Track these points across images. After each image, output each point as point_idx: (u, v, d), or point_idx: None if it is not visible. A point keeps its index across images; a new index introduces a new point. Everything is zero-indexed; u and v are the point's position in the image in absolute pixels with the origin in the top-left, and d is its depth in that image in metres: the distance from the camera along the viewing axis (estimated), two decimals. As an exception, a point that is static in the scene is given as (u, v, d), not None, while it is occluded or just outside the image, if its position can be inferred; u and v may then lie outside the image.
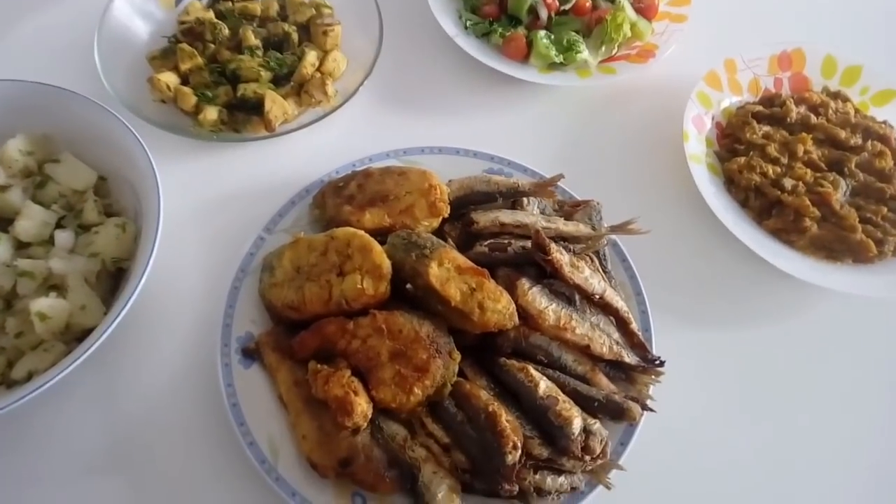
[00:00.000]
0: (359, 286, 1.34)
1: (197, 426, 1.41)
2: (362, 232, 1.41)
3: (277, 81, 1.82)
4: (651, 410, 1.36)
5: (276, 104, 1.74)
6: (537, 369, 1.35)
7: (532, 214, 1.52)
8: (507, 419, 1.26)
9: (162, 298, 1.54)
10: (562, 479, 1.27)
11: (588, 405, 1.31)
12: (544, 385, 1.30)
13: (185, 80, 1.80)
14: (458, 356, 1.34)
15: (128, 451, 1.39)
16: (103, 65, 1.72)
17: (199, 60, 1.80)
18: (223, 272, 1.50)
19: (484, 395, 1.31)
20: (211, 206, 1.69)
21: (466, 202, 1.55)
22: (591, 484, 1.31)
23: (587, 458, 1.25)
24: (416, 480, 1.27)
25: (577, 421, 1.25)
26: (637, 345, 1.43)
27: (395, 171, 1.56)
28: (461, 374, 1.36)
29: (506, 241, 1.47)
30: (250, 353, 1.41)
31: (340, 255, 1.39)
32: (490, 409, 1.27)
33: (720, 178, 1.73)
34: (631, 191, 1.72)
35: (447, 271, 1.35)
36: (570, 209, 1.58)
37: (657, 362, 1.41)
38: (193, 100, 1.75)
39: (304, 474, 1.29)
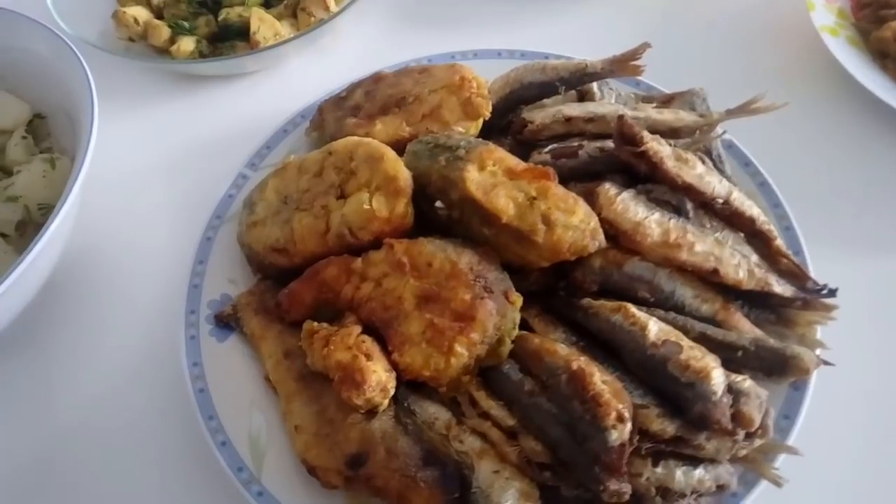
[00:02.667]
0: (366, 206, 0.93)
1: (155, 425, 1.00)
2: (369, 139, 1.00)
3: (267, 5, 1.46)
4: (828, 363, 0.88)
5: (265, 23, 1.37)
6: (641, 309, 0.88)
7: (609, 104, 1.08)
8: (603, 379, 0.80)
9: (118, 265, 1.17)
10: (700, 471, 0.80)
11: (726, 356, 0.84)
12: (656, 327, 0.84)
13: (159, 16, 1.47)
14: (518, 298, 0.90)
15: (65, 466, 0.99)
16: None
17: (175, -10, 1.46)
18: (197, 224, 1.11)
19: (562, 349, 0.85)
20: (188, 152, 1.33)
21: (515, 102, 1.12)
22: (745, 480, 0.82)
23: (741, 432, 0.77)
24: (467, 484, 0.82)
25: (718, 373, 0.78)
26: (789, 269, 0.95)
27: (413, 69, 1.16)
28: (524, 326, 0.91)
29: (575, 144, 1.04)
30: (226, 321, 1.01)
31: (341, 173, 0.98)
32: (574, 366, 0.81)
33: (865, 53, 1.25)
34: (738, 83, 1.24)
35: (492, 175, 0.92)
36: (661, 103, 1.13)
37: (825, 291, 0.92)
38: (166, 33, 1.41)
39: (300, 484, 0.86)
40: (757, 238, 0.96)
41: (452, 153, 0.95)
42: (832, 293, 0.92)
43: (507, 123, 1.13)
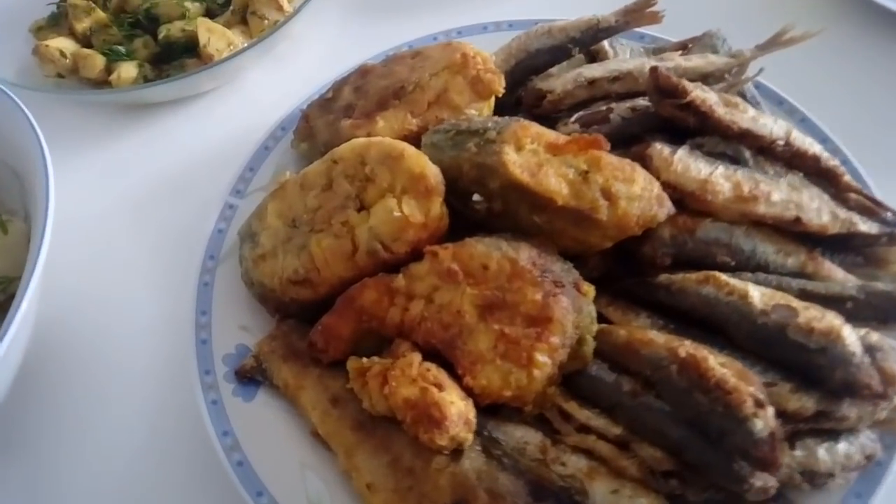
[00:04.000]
0: (396, 213, 0.80)
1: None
2: (382, 138, 0.87)
3: (211, 15, 1.30)
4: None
5: (215, 34, 1.22)
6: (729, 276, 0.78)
7: (631, 60, 0.98)
8: (720, 362, 0.69)
9: (98, 329, 0.99)
10: (843, 444, 0.70)
11: (837, 310, 0.74)
12: (757, 292, 0.74)
13: (87, 45, 1.29)
14: (590, 288, 0.79)
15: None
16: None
17: (102, 15, 1.28)
18: (186, 270, 0.95)
19: (658, 336, 0.74)
20: (152, 189, 1.17)
21: (524, 74, 1.01)
22: (886, 445, 0.73)
23: (893, 391, 0.67)
24: (582, 514, 0.70)
25: (848, 331, 0.68)
26: (860, 205, 0.86)
27: (405, 55, 1.03)
28: (599, 319, 0.80)
29: (603, 108, 0.93)
30: (250, 376, 0.86)
31: (355, 181, 0.85)
32: (682, 353, 0.70)
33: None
34: (753, 21, 1.14)
35: (534, 154, 0.80)
36: (673, 51, 1.03)
37: (910, 221, 0.85)
38: (101, 62, 1.23)
39: (387, 552, 0.72)
40: (822, 177, 0.88)
41: (482, 137, 0.82)
42: (918, 222, 0.84)
43: (516, 99, 1.01)
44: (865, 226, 0.83)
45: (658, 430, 0.70)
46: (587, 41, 0.98)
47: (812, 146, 0.87)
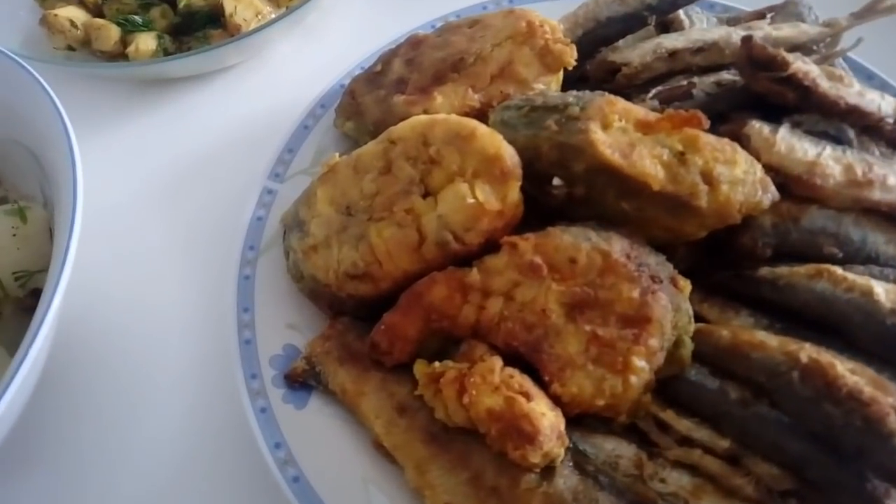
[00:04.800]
0: (469, 200, 0.71)
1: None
2: (448, 115, 0.78)
3: (237, -19, 1.19)
4: None
5: (242, 3, 1.12)
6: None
7: (716, 29, 0.89)
8: (848, 368, 0.61)
9: (127, 329, 0.90)
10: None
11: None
12: (882, 289, 0.66)
13: (98, 14, 1.18)
14: (686, 284, 0.71)
15: None
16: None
17: (114, -18, 1.18)
18: (223, 262, 0.86)
19: (770, 338, 0.66)
20: (178, 172, 1.07)
21: (593, 45, 0.92)
22: None
23: None
24: (689, 537, 0.62)
25: None
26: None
27: (461, 23, 0.93)
28: (695, 317, 0.72)
29: (685, 83, 0.84)
30: (302, 380, 0.77)
31: (418, 163, 0.76)
32: (804, 359, 0.62)
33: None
34: None
35: (623, 133, 0.72)
36: (751, 20, 0.94)
37: None
38: (115, 33, 1.13)
39: (468, 580, 0.64)
40: (932, 159, 0.79)
41: (563, 113, 0.74)
42: None
43: (582, 74, 0.92)
44: None
45: (775, 444, 0.62)
46: (665, 8, 0.89)
47: (923, 124, 0.79)
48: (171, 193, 1.03)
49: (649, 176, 0.69)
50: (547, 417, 0.63)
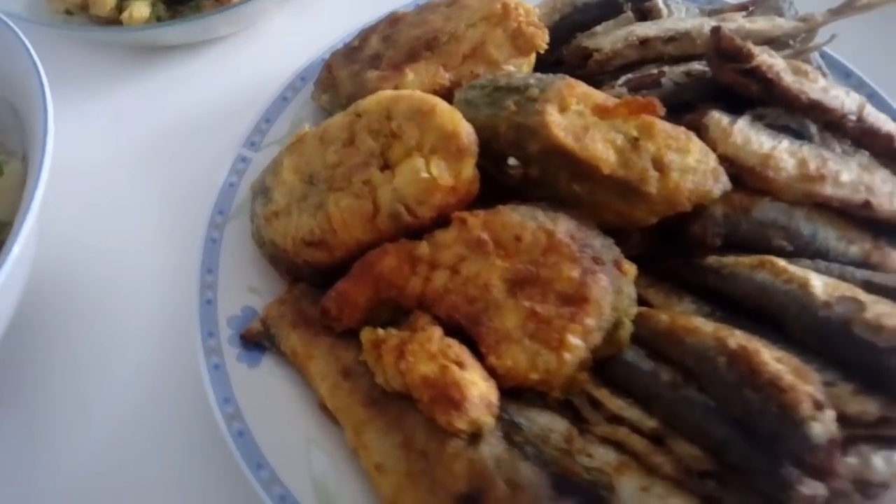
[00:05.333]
0: (424, 174, 0.72)
1: (187, 488, 0.79)
2: (412, 91, 0.80)
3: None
4: None
5: (236, -28, 1.13)
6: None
7: (689, 19, 0.89)
8: (774, 356, 0.62)
9: (99, 285, 0.94)
10: (904, 454, 0.63)
11: (904, 306, 0.67)
12: (820, 282, 0.67)
13: (98, -19, 1.21)
14: (631, 267, 0.72)
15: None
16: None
17: (116, -52, 1.20)
18: (195, 225, 0.88)
19: (705, 324, 0.67)
20: (162, 138, 1.10)
21: (568, 31, 0.93)
22: (950, 456, 0.66)
23: (969, 402, 0.61)
24: (609, 511, 0.64)
25: (925, 331, 0.61)
26: (938, 193, 0.78)
27: (439, 3, 0.95)
28: (639, 301, 0.73)
29: (655, 71, 0.85)
30: (257, 341, 0.80)
31: (380, 137, 0.78)
32: (732, 345, 0.63)
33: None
34: None
35: (580, 116, 0.73)
36: (733, 13, 0.94)
37: None
38: (111, 0, 1.15)
39: (394, 539, 0.67)
40: (894, 159, 0.79)
41: (523, 94, 0.75)
42: None
43: (557, 58, 0.93)
44: (940, 215, 0.75)
45: (698, 426, 0.64)
46: (640, -4, 0.89)
47: (887, 124, 0.79)
48: (154, 156, 1.06)
49: (600, 160, 0.71)
50: (477, 387, 0.65)
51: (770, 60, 0.76)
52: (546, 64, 0.92)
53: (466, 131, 0.74)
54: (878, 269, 0.73)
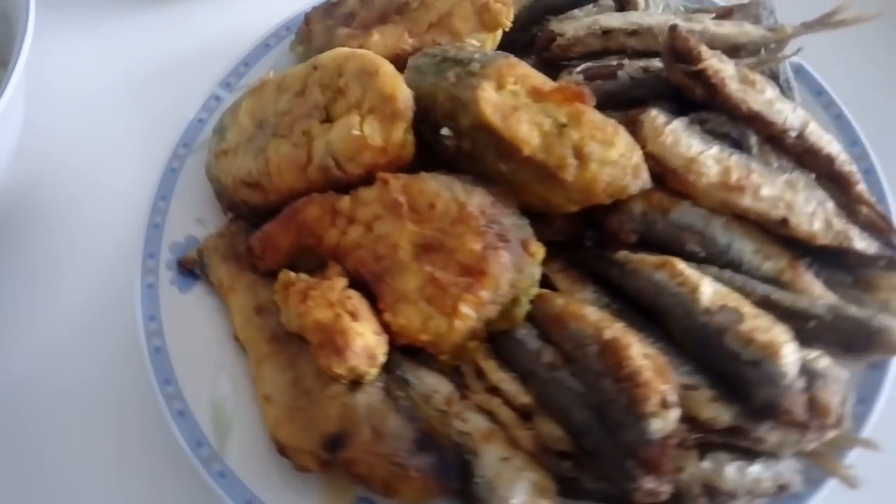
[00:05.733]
0: (356, 132, 0.75)
1: (109, 392, 0.87)
2: (364, 51, 0.82)
3: None
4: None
5: (248, -81, 1.17)
6: (691, 266, 0.72)
7: (657, 14, 0.89)
8: (643, 352, 0.64)
9: (73, 200, 1.01)
10: (757, 467, 0.64)
11: (796, 327, 0.68)
12: (710, 289, 0.68)
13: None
14: (539, 249, 0.74)
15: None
16: None
17: None
18: (161, 155, 0.94)
19: (592, 313, 0.69)
20: (155, 71, 1.15)
21: (541, 12, 0.93)
22: (811, 478, 0.67)
23: (818, 424, 0.61)
24: (469, 472, 0.67)
25: (788, 349, 0.62)
26: (870, 221, 0.77)
27: (421, -31, 0.96)
28: (546, 283, 0.75)
29: (614, 63, 0.85)
30: (191, 268, 0.85)
31: (327, 91, 0.81)
32: (606, 336, 0.65)
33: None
34: None
35: (513, 96, 0.74)
36: (718, 17, 0.93)
37: (917, 249, 0.75)
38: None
39: (271, 465, 0.72)
40: (834, 181, 0.79)
41: (464, 68, 0.77)
42: (928, 252, 0.75)
43: (530, 39, 0.94)
44: (863, 244, 0.74)
45: (563, 408, 0.66)
46: (613, -13, 0.89)
47: (829, 145, 0.78)
48: (138, 90, 1.12)
49: (522, 140, 0.72)
50: (363, 338, 0.69)
51: (718, 66, 0.76)
52: (520, 44, 0.94)
53: (403, 96, 0.76)
54: (787, 288, 0.73)
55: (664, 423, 0.59)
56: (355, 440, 0.67)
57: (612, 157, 0.72)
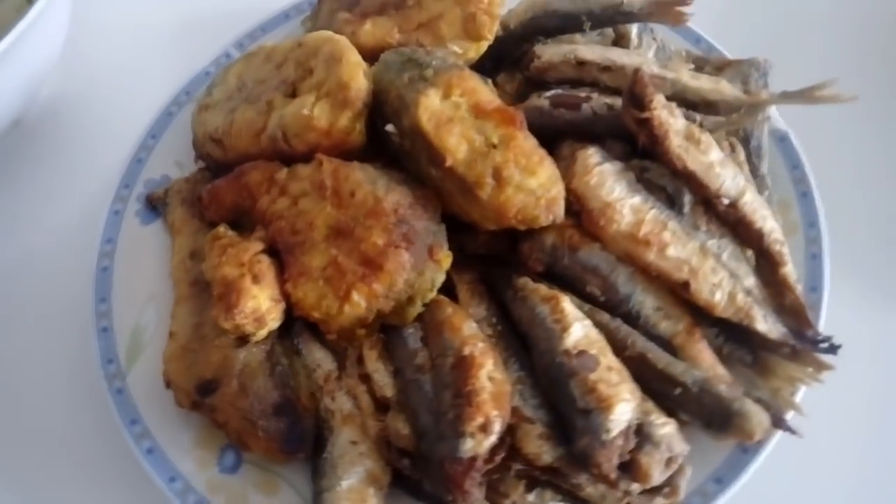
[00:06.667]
0: (305, 111, 0.80)
1: (57, 302, 0.97)
2: (341, 37, 0.86)
3: None
4: (793, 433, 0.69)
5: None
6: (582, 308, 0.73)
7: (639, 55, 0.88)
8: (491, 375, 0.66)
9: (94, 120, 1.13)
10: (575, 514, 0.65)
11: (663, 390, 0.68)
12: (581, 332, 0.68)
13: None
14: (446, 257, 0.76)
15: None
16: None
17: None
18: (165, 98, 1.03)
19: (468, 328, 0.72)
20: (191, 22, 1.23)
21: (534, 31, 0.94)
22: (636, 539, 0.67)
23: (627, 486, 0.62)
24: (322, 447, 0.72)
25: (623, 408, 0.62)
26: (792, 307, 0.75)
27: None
28: (448, 291, 0.78)
29: (582, 95, 0.85)
30: (155, 204, 0.93)
31: (300, 68, 0.86)
32: (465, 351, 0.67)
33: None
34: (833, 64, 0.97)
35: (454, 108, 0.77)
36: (713, 69, 0.91)
37: (825, 345, 0.72)
38: None
39: (162, 396, 0.79)
40: (763, 258, 0.76)
41: (420, 71, 0.80)
42: (833, 350, 0.72)
43: (521, 55, 0.95)
44: (765, 325, 0.72)
45: (414, 409, 0.69)
46: (603, 19, 0.88)
47: (763, 220, 0.76)
48: (178, 33, 1.22)
49: (448, 151, 0.75)
50: (256, 301, 0.74)
51: (665, 117, 0.75)
52: (512, 58, 0.95)
53: (358, 86, 0.80)
54: (677, 353, 0.72)
55: (475, 446, 0.61)
56: (224, 390, 0.73)
57: (530, 186, 0.73)
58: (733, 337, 0.75)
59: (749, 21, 1.11)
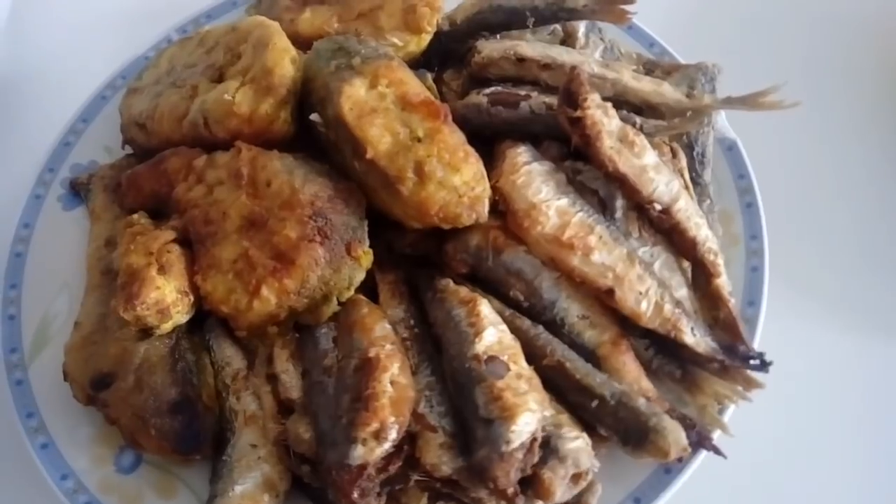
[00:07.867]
0: (227, 97, 0.77)
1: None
2: (273, 22, 0.83)
3: None
4: (718, 453, 0.65)
5: None
6: (503, 313, 0.69)
7: (582, 54, 0.85)
8: (394, 380, 0.62)
9: (41, 86, 1.11)
10: (478, 531, 0.61)
11: (580, 402, 0.64)
12: (492, 337, 0.65)
13: None
14: (365, 255, 0.73)
15: None
16: None
17: None
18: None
19: (379, 329, 0.68)
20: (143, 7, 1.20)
21: (479, 27, 0.90)
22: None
23: (531, 501, 0.58)
24: (223, 449, 0.68)
25: (527, 419, 0.58)
26: (726, 320, 0.71)
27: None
28: (368, 291, 0.74)
29: (522, 93, 0.82)
30: (79, 190, 0.90)
31: (229, 53, 0.83)
32: (371, 353, 0.64)
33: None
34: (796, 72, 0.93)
35: (380, 98, 0.73)
36: (662, 73, 0.88)
37: (757, 361, 0.68)
38: None
39: (64, 390, 0.75)
40: (697, 268, 0.73)
41: (348, 60, 0.76)
42: (764, 367, 0.68)
43: (467, 51, 0.92)
44: (693, 339, 0.68)
45: (315, 413, 0.65)
46: (547, 16, 0.85)
47: (697, 229, 0.72)
48: (127, 18, 1.18)
49: (369, 142, 0.71)
50: (160, 292, 0.70)
51: (599, 117, 0.72)
52: (457, 54, 0.92)
53: (282, 73, 0.77)
54: (601, 363, 0.68)
55: (365, 453, 0.57)
56: (119, 385, 0.69)
57: (454, 183, 0.70)
58: (664, 350, 0.71)
59: (707, 27, 1.08)
